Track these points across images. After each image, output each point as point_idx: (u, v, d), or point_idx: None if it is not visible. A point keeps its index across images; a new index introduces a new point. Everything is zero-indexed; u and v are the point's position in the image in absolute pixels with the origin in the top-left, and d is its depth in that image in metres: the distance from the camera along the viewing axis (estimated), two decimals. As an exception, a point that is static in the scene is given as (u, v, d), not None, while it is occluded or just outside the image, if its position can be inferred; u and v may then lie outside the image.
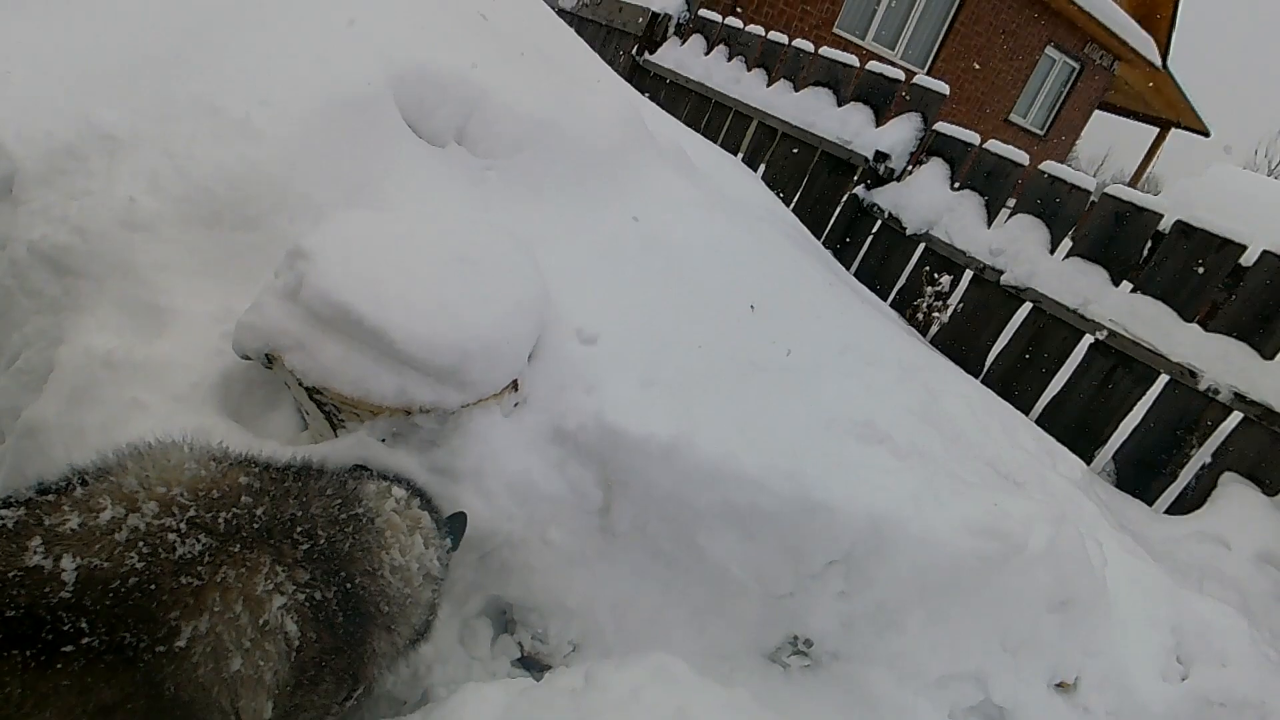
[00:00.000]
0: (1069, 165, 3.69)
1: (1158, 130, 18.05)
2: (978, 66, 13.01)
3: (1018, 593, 1.70)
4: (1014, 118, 14.61)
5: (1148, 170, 18.51)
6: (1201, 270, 3.07)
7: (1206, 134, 17.55)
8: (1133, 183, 16.87)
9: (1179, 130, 17.83)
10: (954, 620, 1.67)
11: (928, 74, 10.47)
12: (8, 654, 0.76)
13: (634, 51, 6.26)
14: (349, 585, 1.08)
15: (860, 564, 1.60)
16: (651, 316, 2.00)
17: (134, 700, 0.81)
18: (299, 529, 1.05)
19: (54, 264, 1.71)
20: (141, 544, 0.90)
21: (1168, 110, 17.21)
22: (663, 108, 4.81)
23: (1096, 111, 16.85)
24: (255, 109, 1.97)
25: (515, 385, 1.64)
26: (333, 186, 2.00)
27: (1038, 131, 15.33)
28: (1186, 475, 3.09)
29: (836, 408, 1.97)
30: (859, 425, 1.92)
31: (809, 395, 1.97)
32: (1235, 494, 2.93)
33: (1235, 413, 2.95)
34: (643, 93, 4.92)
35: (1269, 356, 2.90)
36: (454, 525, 1.48)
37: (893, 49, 12.06)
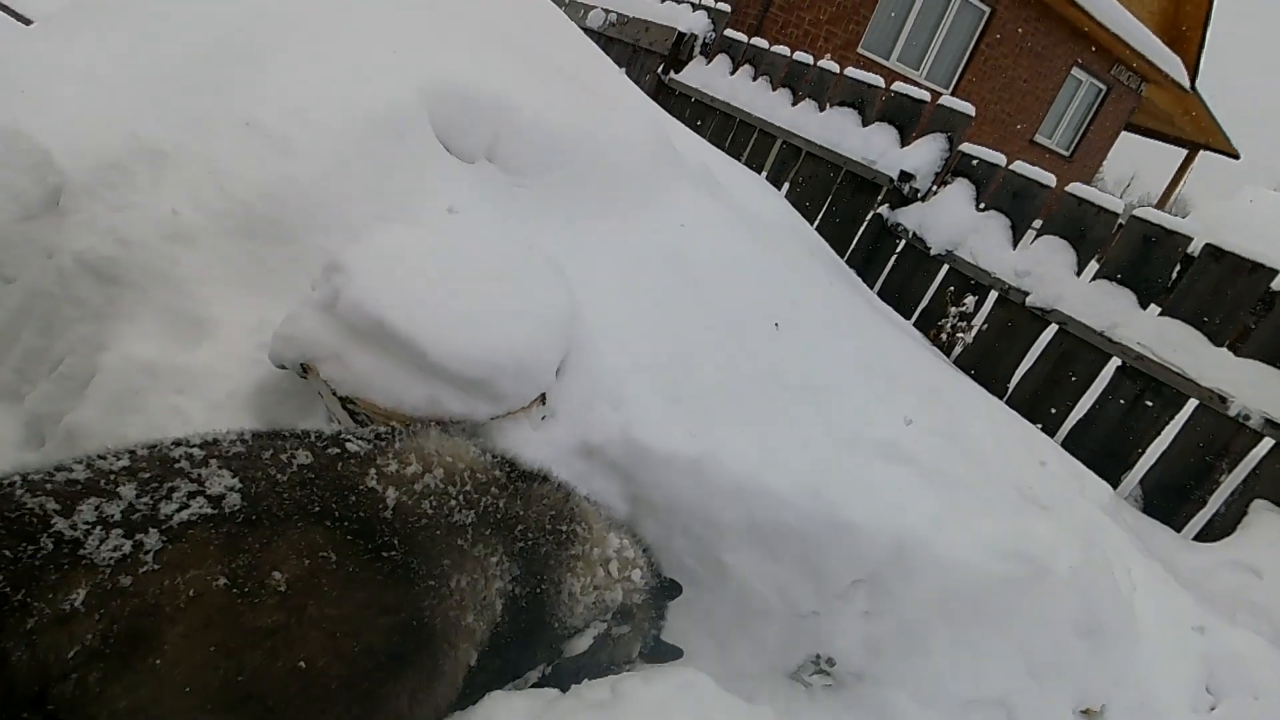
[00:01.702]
0: (1095, 187, 3.67)
1: (1185, 152, 17.86)
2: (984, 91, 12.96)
3: (1044, 617, 1.68)
4: (1039, 139, 14.54)
5: (1176, 193, 18.29)
6: (1232, 294, 3.03)
7: (1236, 156, 17.33)
8: (1160, 205, 16.70)
9: (1207, 152, 17.63)
10: (979, 643, 1.65)
11: (952, 94, 10.45)
12: (355, 542, 1.03)
13: (660, 70, 6.32)
14: (538, 590, 1.27)
15: (884, 584, 1.60)
16: (677, 334, 2.02)
17: (405, 611, 1.05)
18: (519, 526, 1.26)
19: (98, 274, 1.76)
20: (432, 498, 1.16)
21: (1196, 132, 17.04)
22: (688, 126, 4.85)
23: (1123, 133, 16.71)
24: (293, 127, 2.02)
25: (543, 399, 1.66)
26: (367, 202, 2.04)
27: (1063, 153, 15.23)
28: (1216, 502, 3.04)
29: (860, 427, 1.97)
30: (883, 445, 1.92)
31: (833, 414, 1.97)
32: (1266, 521, 2.88)
33: (1266, 439, 2.91)
34: (668, 111, 4.97)
35: (1302, 383, 2.86)
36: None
37: (917, 69, 12.08)
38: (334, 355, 1.47)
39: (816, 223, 4.61)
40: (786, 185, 4.94)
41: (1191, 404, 3.10)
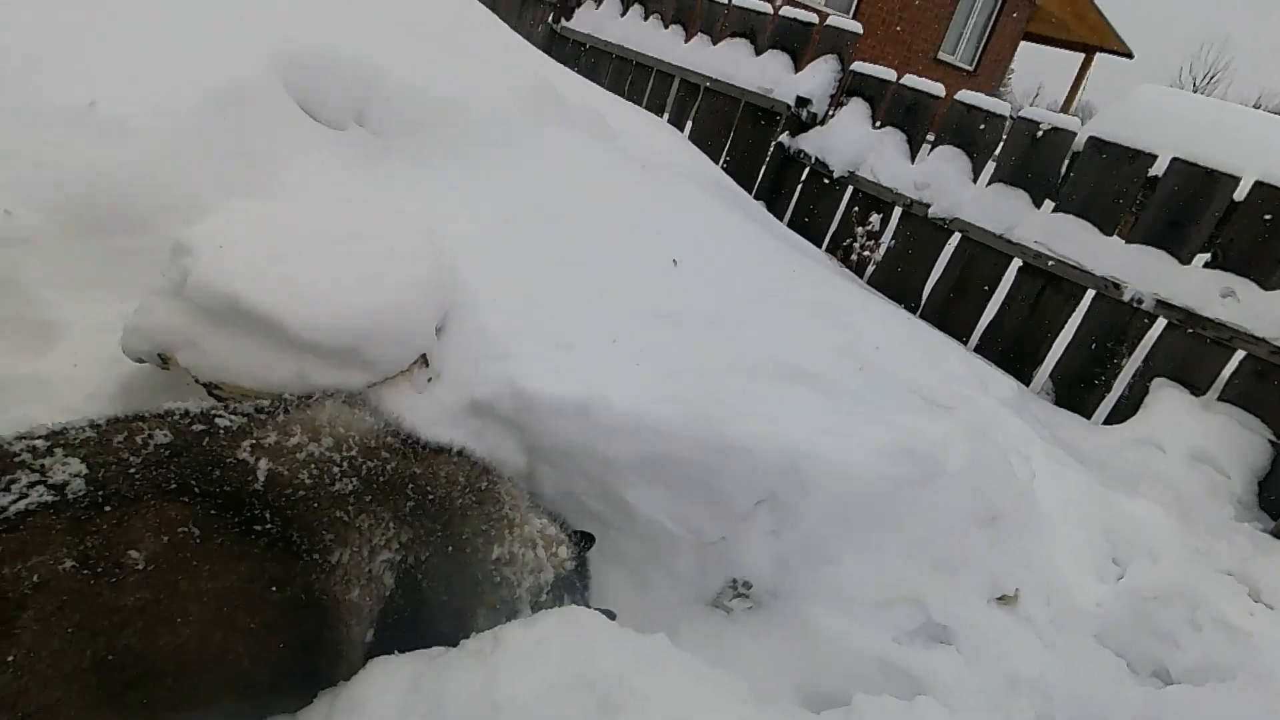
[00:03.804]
0: (1005, 99, 3.72)
1: (1083, 56, 18.29)
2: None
3: (942, 512, 1.72)
4: (943, 55, 14.69)
5: (1078, 97, 18.77)
6: (1116, 183, 3.12)
7: (1130, 55, 17.82)
8: (1063, 110, 17.11)
9: (1104, 55, 18.08)
10: (883, 545, 1.69)
11: (853, 17, 10.45)
12: (224, 516, 1.02)
13: (550, 19, 6.15)
14: (449, 548, 1.23)
15: (785, 500, 1.61)
16: (563, 281, 1.98)
17: (294, 584, 1.05)
18: (411, 485, 1.23)
19: (-74, 288, 1.62)
20: (313, 466, 1.14)
21: (1090, 35, 17.43)
22: (585, 74, 4.73)
23: (1023, 42, 17.00)
24: (128, 107, 1.89)
25: (425, 361, 1.61)
26: (223, 181, 1.93)
27: (967, 67, 15.44)
28: (1120, 385, 3.17)
29: (758, 353, 1.97)
30: (780, 367, 1.93)
31: (729, 344, 1.97)
32: (1166, 398, 3.01)
33: (1160, 319, 3.03)
34: (563, 61, 4.83)
35: (1185, 262, 2.97)
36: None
37: (816, -5, 12.02)
38: (189, 341, 1.40)
39: (722, 158, 4.58)
40: (689, 124, 4.89)
41: (1090, 294, 3.21)
